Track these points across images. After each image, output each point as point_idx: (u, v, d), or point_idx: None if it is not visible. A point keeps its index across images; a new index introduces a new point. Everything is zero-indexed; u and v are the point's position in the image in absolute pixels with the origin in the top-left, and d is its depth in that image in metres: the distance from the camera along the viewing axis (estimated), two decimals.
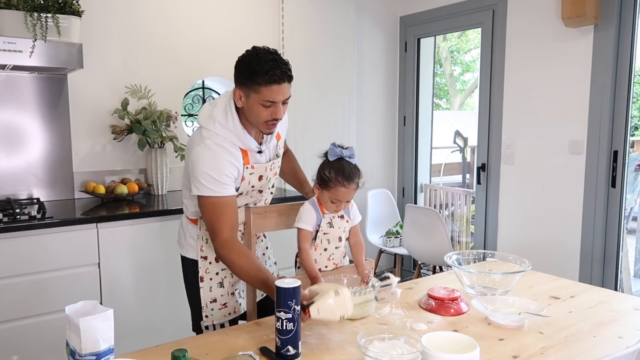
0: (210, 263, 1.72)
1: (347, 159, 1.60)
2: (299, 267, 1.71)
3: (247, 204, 1.73)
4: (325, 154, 1.62)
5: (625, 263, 2.97)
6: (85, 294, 2.32)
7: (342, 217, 1.68)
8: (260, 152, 1.65)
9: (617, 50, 2.75)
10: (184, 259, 1.80)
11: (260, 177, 1.67)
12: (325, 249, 1.67)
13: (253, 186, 1.66)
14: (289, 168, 1.95)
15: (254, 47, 1.55)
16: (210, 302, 1.72)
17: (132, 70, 2.97)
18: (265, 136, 1.65)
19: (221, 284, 1.73)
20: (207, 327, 1.74)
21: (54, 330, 2.27)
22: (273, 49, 1.54)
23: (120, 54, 2.93)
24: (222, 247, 1.53)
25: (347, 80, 3.78)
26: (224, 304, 1.73)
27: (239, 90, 1.54)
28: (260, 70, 1.47)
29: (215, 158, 1.53)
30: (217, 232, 1.54)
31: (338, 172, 1.56)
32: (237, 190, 1.61)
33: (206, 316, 1.73)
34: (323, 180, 1.59)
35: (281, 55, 1.54)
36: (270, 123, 1.55)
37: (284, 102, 1.54)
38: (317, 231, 1.65)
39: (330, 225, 1.65)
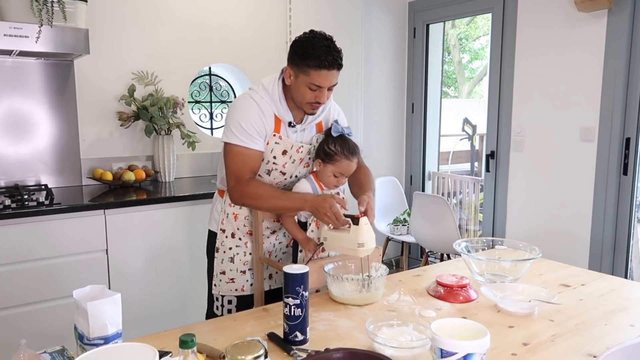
0: (226, 237, 1.77)
1: (347, 135, 1.70)
2: (301, 251, 1.73)
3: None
4: (328, 132, 1.70)
5: (635, 251, 2.94)
6: (93, 279, 2.33)
7: (337, 194, 1.74)
8: (292, 125, 1.69)
9: (632, 35, 2.69)
10: (209, 231, 1.88)
11: (285, 152, 1.69)
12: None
13: (275, 157, 1.69)
14: (357, 178, 1.80)
15: (311, 31, 1.61)
16: (220, 273, 1.79)
17: (138, 56, 2.95)
18: (306, 117, 1.71)
19: (232, 260, 1.77)
20: (217, 299, 1.81)
21: (62, 316, 2.28)
22: (329, 35, 1.60)
23: (126, 40, 2.91)
24: (246, 185, 1.62)
25: (355, 66, 3.74)
26: (232, 279, 1.78)
27: (289, 69, 1.62)
28: (314, 54, 1.54)
29: (248, 108, 1.63)
30: (239, 177, 1.63)
31: (343, 146, 1.65)
32: None
33: (215, 285, 1.81)
34: (327, 154, 1.65)
35: (335, 43, 1.59)
36: (314, 105, 1.63)
37: (330, 88, 1.61)
38: None
39: None
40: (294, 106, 1.68)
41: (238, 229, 1.76)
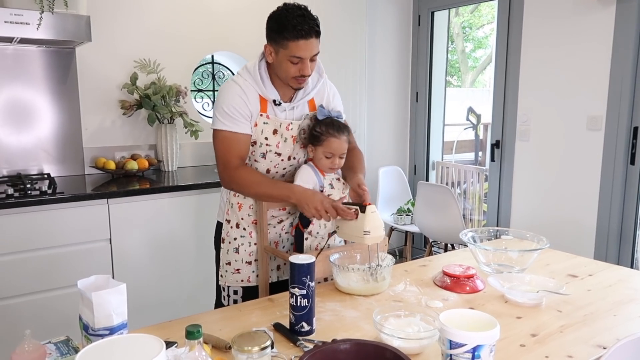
0: (231, 227, 1.76)
1: (335, 117, 1.69)
2: (307, 239, 1.71)
3: (268, 170, 1.72)
4: (314, 117, 1.70)
5: None
6: (97, 269, 2.33)
7: (338, 179, 1.74)
8: (277, 104, 1.66)
9: None
10: (217, 222, 1.87)
11: (275, 132, 1.67)
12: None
13: (266, 138, 1.67)
14: (348, 160, 1.79)
15: (284, 3, 1.58)
16: (226, 264, 1.78)
17: (140, 44, 2.92)
18: (296, 95, 1.69)
19: (237, 250, 1.75)
20: (223, 289, 1.80)
21: (65, 305, 2.28)
22: (303, 5, 1.56)
23: (128, 27, 2.88)
24: (234, 171, 1.64)
25: (359, 54, 3.70)
26: (237, 270, 1.76)
27: (269, 46, 1.60)
28: (288, 25, 1.51)
29: (229, 93, 1.63)
30: (226, 162, 1.64)
31: (328, 125, 1.65)
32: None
33: (221, 276, 1.80)
34: (314, 136, 1.66)
35: (310, 12, 1.55)
36: (299, 79, 1.60)
37: (312, 59, 1.58)
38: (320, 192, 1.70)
39: (332, 186, 1.71)
40: (281, 84, 1.65)
41: (242, 218, 1.74)
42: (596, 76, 2.84)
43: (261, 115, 1.65)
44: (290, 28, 1.50)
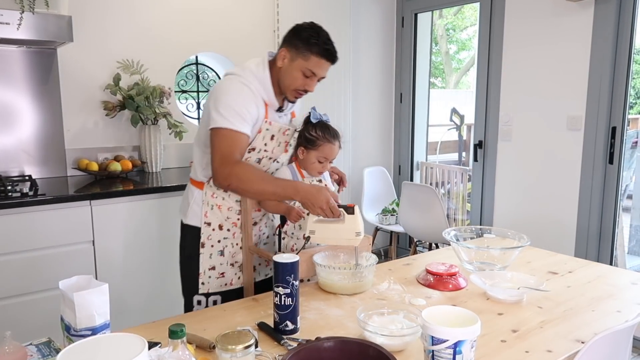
0: (213, 230, 1.70)
1: (327, 122, 1.71)
2: (284, 238, 1.71)
3: None
4: (307, 119, 1.69)
5: (620, 240, 2.98)
6: (80, 271, 2.30)
7: (319, 181, 1.73)
8: (280, 110, 1.70)
9: (618, 25, 2.71)
10: (184, 227, 1.76)
11: (272, 137, 1.68)
12: (308, 214, 1.66)
13: (266, 144, 1.67)
14: None
15: (312, 22, 1.64)
16: (209, 269, 1.71)
17: (123, 44, 2.90)
18: (286, 104, 1.72)
19: (222, 253, 1.71)
20: (202, 295, 1.72)
21: (47, 308, 2.25)
22: None
23: (111, 27, 2.85)
24: (234, 166, 1.54)
25: (343, 55, 3.68)
26: (222, 274, 1.72)
27: (286, 51, 1.61)
28: (319, 42, 1.58)
29: (240, 93, 1.58)
30: (227, 156, 1.55)
31: (325, 130, 1.66)
32: (250, 143, 1.64)
33: (202, 283, 1.71)
34: (310, 140, 1.66)
35: None
36: (300, 92, 1.64)
37: (319, 79, 1.64)
38: None
39: None
40: (277, 91, 1.66)
41: (226, 219, 1.71)
42: (576, 77, 2.90)
43: (265, 121, 1.63)
44: (321, 44, 1.57)
